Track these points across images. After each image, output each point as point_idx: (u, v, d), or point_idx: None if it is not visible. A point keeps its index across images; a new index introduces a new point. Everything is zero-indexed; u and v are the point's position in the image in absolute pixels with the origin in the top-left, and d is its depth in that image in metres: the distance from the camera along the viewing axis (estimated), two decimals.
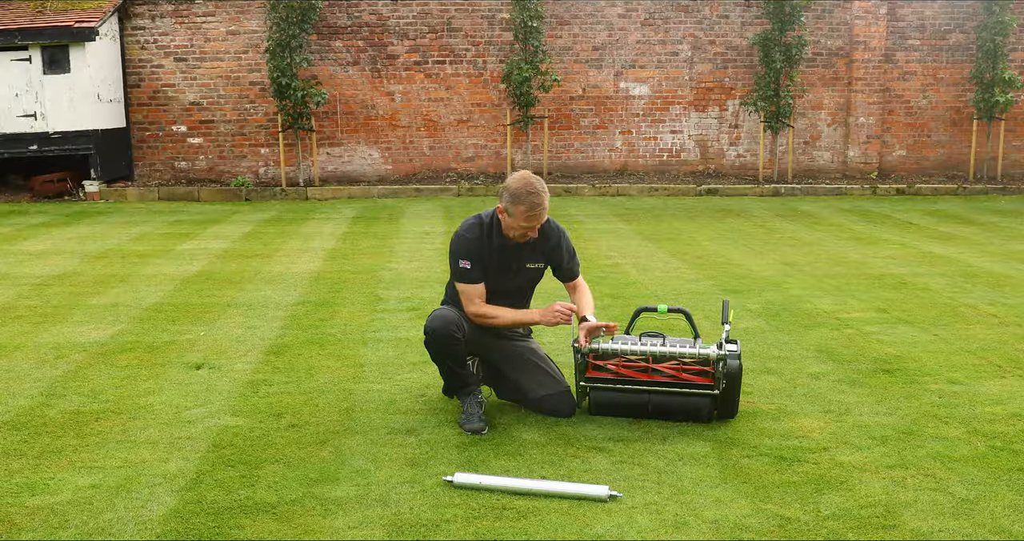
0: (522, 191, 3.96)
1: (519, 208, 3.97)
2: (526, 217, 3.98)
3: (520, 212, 3.97)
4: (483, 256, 4.11)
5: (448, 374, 4.14)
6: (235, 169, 13.90)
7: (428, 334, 4.04)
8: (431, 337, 4.04)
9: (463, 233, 4.13)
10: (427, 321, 4.06)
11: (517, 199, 3.96)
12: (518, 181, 4.01)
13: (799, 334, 5.61)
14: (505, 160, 13.91)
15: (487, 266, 4.13)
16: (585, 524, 3.14)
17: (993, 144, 13.97)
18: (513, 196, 3.97)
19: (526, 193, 3.96)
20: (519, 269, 4.20)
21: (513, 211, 3.99)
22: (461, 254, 4.10)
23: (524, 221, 4.00)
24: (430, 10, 13.64)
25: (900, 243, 9.10)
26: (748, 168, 14.19)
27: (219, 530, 3.10)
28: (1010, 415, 4.19)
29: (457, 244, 4.14)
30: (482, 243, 4.11)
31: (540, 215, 4.00)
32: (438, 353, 4.08)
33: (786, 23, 13.07)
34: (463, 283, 4.13)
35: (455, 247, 4.14)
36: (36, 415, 4.20)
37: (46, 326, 5.85)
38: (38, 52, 12.36)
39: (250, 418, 4.17)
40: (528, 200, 3.95)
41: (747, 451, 3.77)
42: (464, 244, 4.11)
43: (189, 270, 7.71)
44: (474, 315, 4.11)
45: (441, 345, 4.03)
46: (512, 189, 3.98)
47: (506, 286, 4.20)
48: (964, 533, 3.08)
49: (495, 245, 4.13)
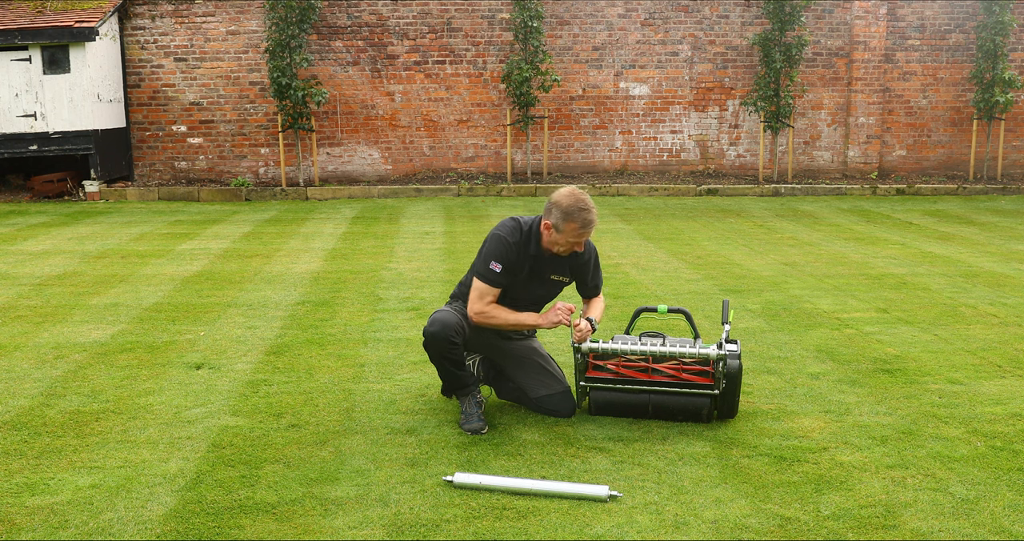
0: (574, 208, 3.90)
1: (571, 225, 3.92)
2: (577, 234, 3.94)
3: (572, 229, 3.93)
4: (516, 264, 4.06)
5: (446, 375, 4.13)
6: (235, 169, 13.90)
7: (427, 337, 4.03)
8: (430, 341, 4.02)
9: (505, 236, 4.05)
10: (427, 324, 4.04)
11: (569, 216, 3.90)
12: (568, 198, 3.94)
13: (799, 334, 5.61)
14: (505, 160, 13.91)
15: (516, 274, 4.08)
16: (585, 524, 3.14)
17: (993, 144, 13.97)
18: (565, 213, 3.91)
19: (578, 210, 3.90)
20: (544, 281, 4.17)
21: (564, 228, 3.93)
22: (497, 256, 4.03)
23: (574, 237, 3.95)
24: (430, 10, 13.64)
25: (900, 243, 9.10)
26: (748, 168, 14.19)
27: (219, 530, 3.10)
28: (1010, 415, 4.19)
29: (496, 245, 4.05)
30: (519, 250, 4.05)
31: (590, 232, 3.97)
32: (436, 356, 4.07)
33: (786, 23, 13.08)
34: (484, 283, 4.05)
35: (493, 247, 4.05)
36: (36, 415, 4.20)
37: (46, 326, 5.85)
38: (38, 52, 12.36)
39: (250, 418, 4.16)
40: (581, 217, 3.91)
41: (747, 451, 3.77)
42: (503, 247, 4.03)
43: (189, 270, 7.71)
44: (477, 313, 4.07)
45: (439, 349, 4.02)
46: (564, 206, 3.91)
47: (528, 296, 4.18)
48: (964, 533, 3.08)
49: (530, 254, 4.07)
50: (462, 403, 4.09)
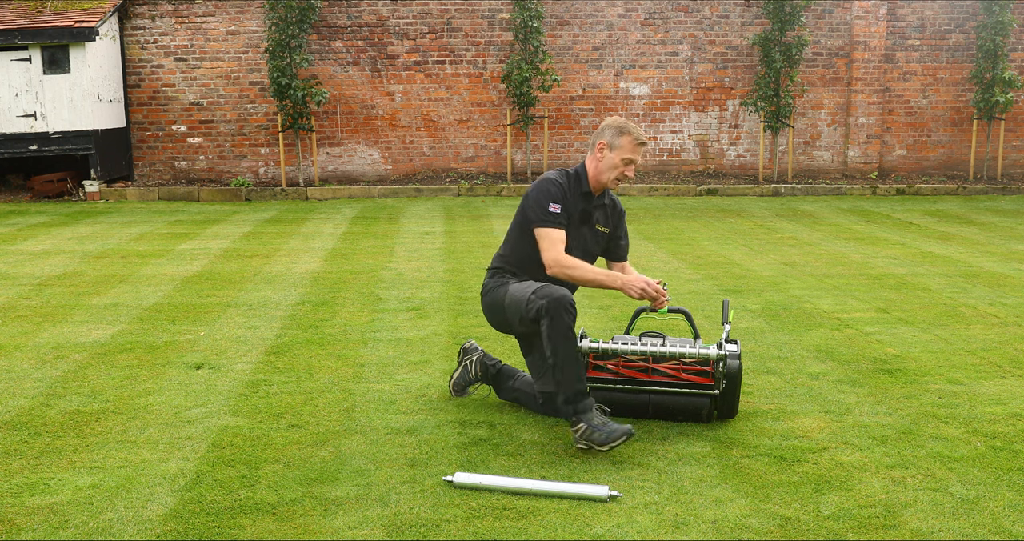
0: (624, 124, 3.97)
1: (626, 138, 3.94)
2: (632, 148, 3.94)
3: (627, 142, 3.94)
4: (570, 205, 3.98)
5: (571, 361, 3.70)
6: (235, 169, 13.90)
7: (557, 304, 3.65)
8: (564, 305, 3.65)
9: (553, 178, 3.99)
10: (540, 296, 3.70)
11: (623, 129, 3.95)
12: (616, 119, 4.01)
13: (799, 334, 5.61)
14: (505, 160, 13.91)
15: (569, 217, 3.99)
16: (585, 524, 3.14)
17: (993, 144, 13.97)
18: (619, 128, 3.95)
19: (631, 126, 3.98)
20: (590, 229, 4.10)
21: (619, 143, 3.94)
22: (553, 197, 3.93)
23: (630, 153, 3.94)
24: (430, 10, 13.65)
25: (900, 243, 9.10)
26: (748, 168, 14.19)
27: (219, 530, 3.10)
28: (1010, 415, 4.19)
29: (546, 187, 3.96)
30: (569, 190, 4.00)
31: (644, 148, 3.99)
32: (566, 328, 3.68)
33: (786, 23, 13.08)
34: (549, 227, 3.90)
35: (543, 190, 3.95)
36: (36, 415, 4.20)
37: (46, 326, 5.85)
38: (38, 52, 12.37)
39: (250, 418, 4.16)
40: (635, 130, 3.96)
41: (747, 451, 3.77)
42: (555, 188, 3.96)
43: (189, 270, 7.71)
44: (555, 262, 3.87)
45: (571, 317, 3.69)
46: (616, 124, 3.97)
47: (579, 245, 4.07)
48: (964, 533, 3.08)
49: (581, 193, 4.04)
50: (588, 419, 3.68)
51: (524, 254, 4.07)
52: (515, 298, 3.93)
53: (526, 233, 4.05)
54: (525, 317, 3.86)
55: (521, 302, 3.87)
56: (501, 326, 4.17)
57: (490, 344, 5.30)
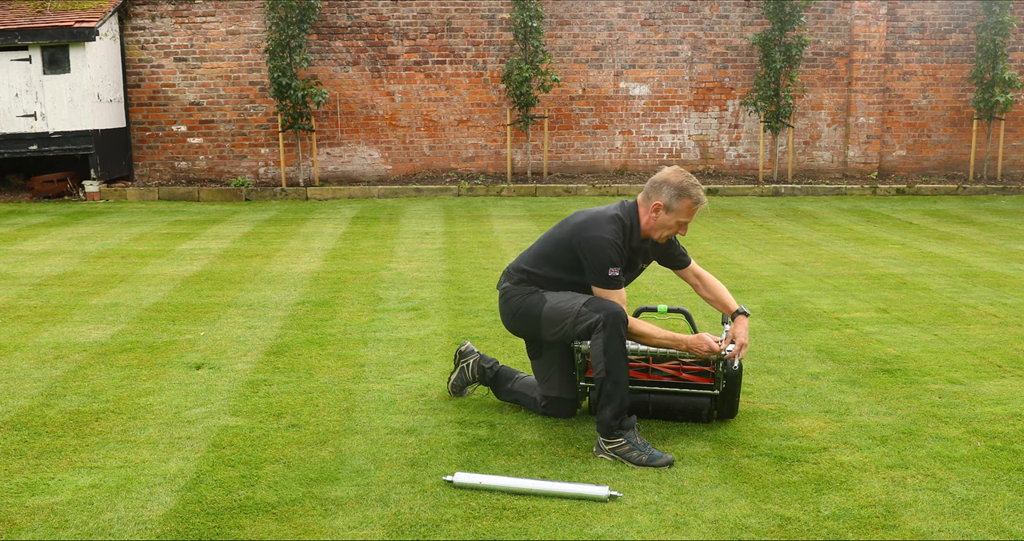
0: (686, 183, 3.75)
1: (685, 202, 3.75)
2: (690, 211, 3.78)
3: (686, 206, 3.76)
4: (626, 262, 3.85)
5: (623, 376, 3.71)
6: (235, 169, 13.90)
7: (616, 320, 3.64)
8: (620, 321, 3.65)
9: (611, 239, 3.76)
10: (600, 311, 3.69)
11: (683, 192, 3.74)
12: (677, 174, 3.78)
13: (799, 334, 5.61)
14: (505, 160, 13.91)
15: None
16: (585, 524, 3.14)
17: (993, 144, 13.97)
18: (679, 189, 3.74)
19: (691, 185, 3.75)
20: (635, 271, 4.03)
21: (677, 206, 3.76)
22: (614, 262, 3.75)
23: (686, 217, 3.78)
24: (430, 10, 13.65)
25: (900, 243, 9.10)
26: (748, 168, 14.19)
27: (219, 530, 3.10)
28: (1010, 415, 4.19)
29: (608, 249, 3.75)
30: (624, 247, 3.82)
31: (701, 208, 3.81)
32: (621, 341, 3.67)
33: (786, 23, 13.08)
34: (611, 289, 3.77)
35: (606, 252, 3.75)
36: (36, 415, 4.20)
37: (46, 326, 5.85)
38: (38, 52, 12.37)
39: (250, 418, 4.16)
40: (696, 193, 3.75)
41: (747, 451, 3.77)
42: (616, 251, 3.76)
43: (189, 270, 7.71)
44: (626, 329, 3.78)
45: (624, 337, 3.68)
46: (675, 183, 3.75)
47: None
48: (964, 533, 3.08)
49: (632, 247, 3.88)
50: (630, 437, 3.67)
51: (555, 277, 3.96)
52: (559, 309, 3.86)
53: (563, 267, 3.92)
54: (571, 330, 3.83)
55: (567, 314, 3.82)
56: (523, 332, 4.10)
57: (489, 344, 5.30)
